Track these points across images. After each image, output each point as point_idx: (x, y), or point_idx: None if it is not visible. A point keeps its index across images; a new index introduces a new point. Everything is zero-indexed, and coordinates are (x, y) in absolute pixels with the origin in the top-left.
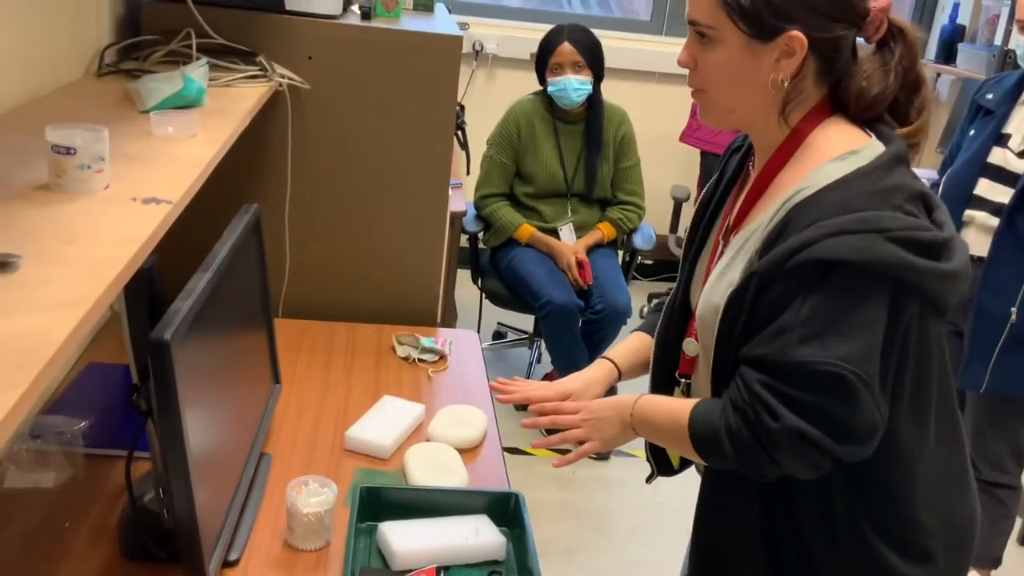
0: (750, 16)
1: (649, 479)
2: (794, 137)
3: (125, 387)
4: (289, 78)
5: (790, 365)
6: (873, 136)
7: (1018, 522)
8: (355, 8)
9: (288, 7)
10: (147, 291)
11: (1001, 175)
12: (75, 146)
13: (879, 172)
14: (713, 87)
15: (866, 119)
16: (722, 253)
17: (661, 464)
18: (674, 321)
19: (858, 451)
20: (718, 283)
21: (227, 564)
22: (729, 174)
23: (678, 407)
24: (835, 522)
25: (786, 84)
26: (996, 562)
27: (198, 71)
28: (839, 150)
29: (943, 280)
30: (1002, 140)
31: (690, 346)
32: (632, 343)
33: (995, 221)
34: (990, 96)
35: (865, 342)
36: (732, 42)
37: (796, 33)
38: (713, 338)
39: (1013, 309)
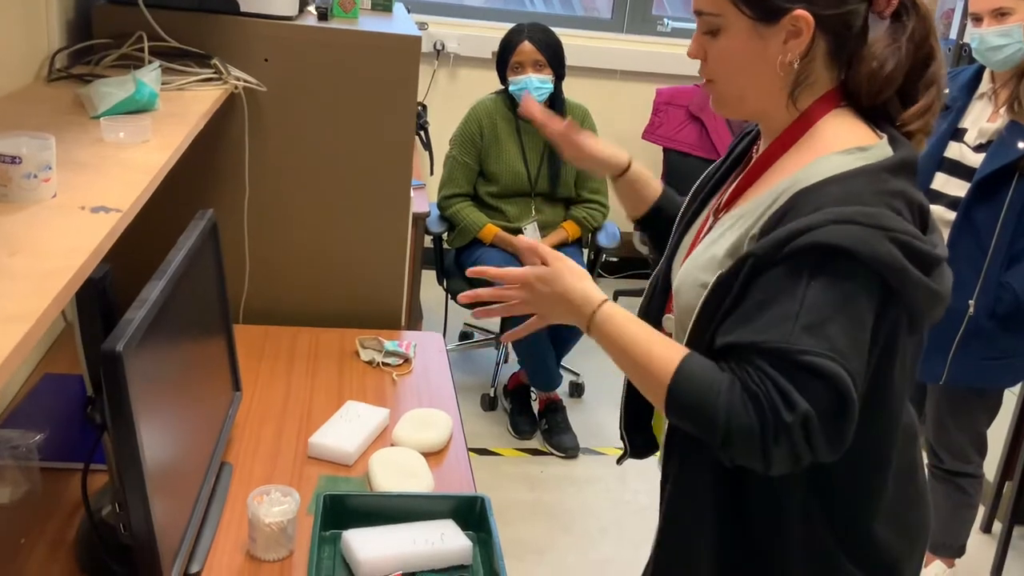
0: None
1: (620, 460)
2: (802, 122)
3: (81, 399)
4: (245, 80)
5: (793, 352)
6: (884, 137)
7: (981, 510)
8: (312, 9)
9: (243, 9)
10: (100, 301)
11: (957, 169)
12: (21, 155)
13: (884, 175)
14: (723, 76)
15: (877, 110)
16: (710, 229)
17: (635, 446)
18: (656, 296)
19: (834, 454)
20: (699, 258)
21: None
22: (734, 156)
23: (661, 352)
24: (791, 534)
25: (795, 65)
26: (960, 550)
27: (150, 75)
28: (846, 144)
29: (928, 296)
30: (959, 135)
31: (668, 322)
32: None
33: (952, 215)
34: (946, 91)
35: (859, 339)
36: (738, 27)
37: (802, 12)
38: (689, 314)
39: (971, 301)
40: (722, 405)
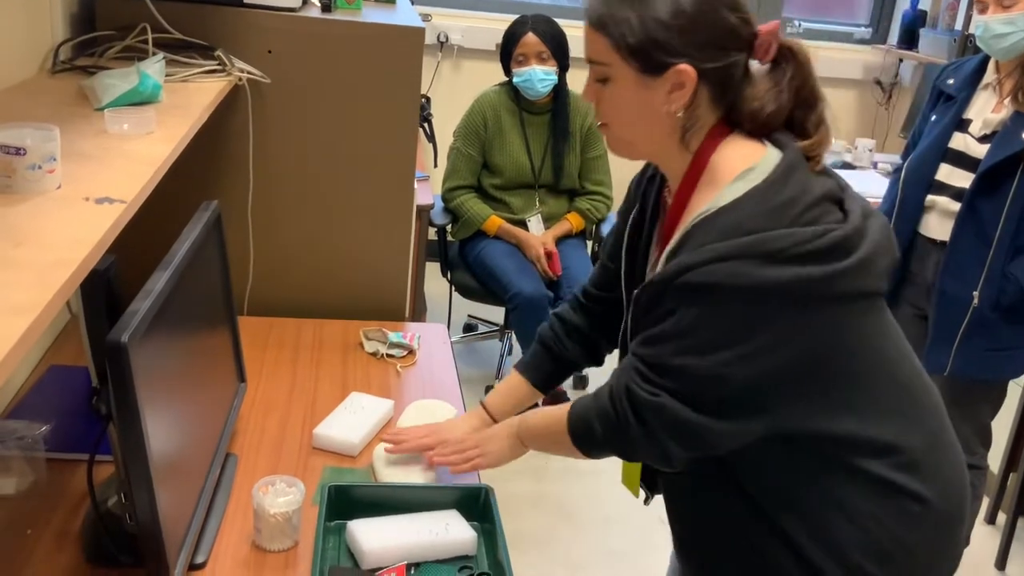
0: (638, 53)
1: (647, 501)
2: (696, 162)
3: (87, 390)
4: (248, 72)
5: (669, 367)
6: (769, 145)
7: (985, 501)
8: (315, 0)
9: (246, 0)
10: (105, 292)
11: (962, 160)
12: (25, 146)
13: (774, 187)
14: (614, 121)
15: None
16: None
17: (652, 486)
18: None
19: (728, 426)
20: None
21: (193, 567)
22: (650, 205)
23: (560, 411)
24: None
25: (679, 115)
26: (964, 542)
27: (154, 67)
28: (737, 169)
29: (854, 274)
30: (963, 125)
31: None
32: (507, 385)
33: (956, 206)
34: (951, 81)
35: (746, 350)
36: (626, 78)
37: (684, 67)
38: None
39: (975, 293)
40: (593, 412)
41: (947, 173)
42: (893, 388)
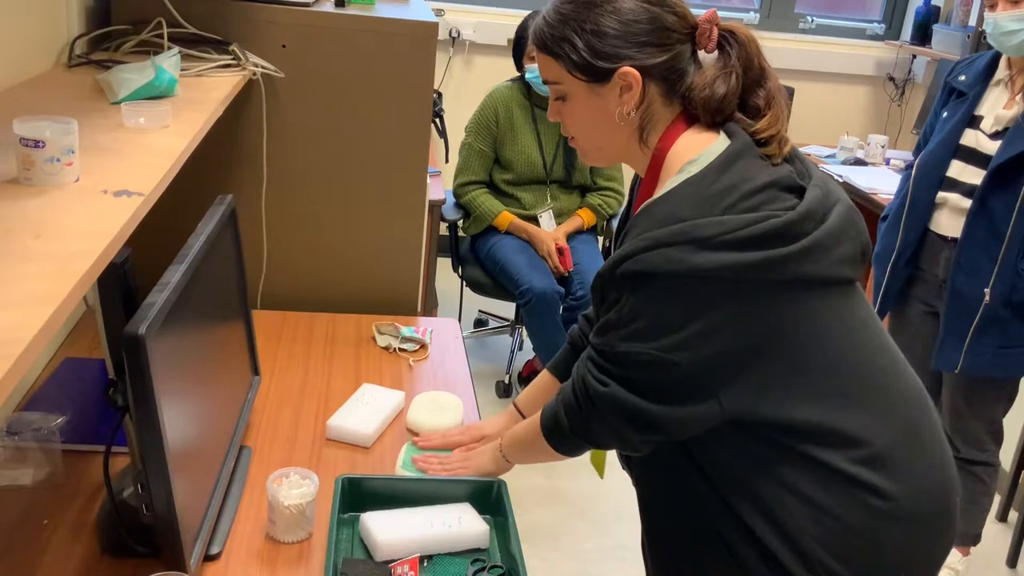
0: (582, 65)
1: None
2: (656, 157)
3: (102, 382)
4: (263, 67)
5: (616, 354)
6: (721, 135)
7: (996, 499)
8: None
9: None
10: (121, 285)
11: (973, 157)
12: (44, 139)
13: (709, 177)
14: (579, 132)
15: (719, 121)
16: None
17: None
18: None
19: (678, 412)
20: None
21: (208, 558)
22: (634, 201)
23: (536, 417)
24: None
25: (632, 114)
26: (976, 539)
27: (169, 61)
28: (684, 161)
29: (799, 259)
30: (975, 122)
31: None
32: (537, 384)
33: (968, 202)
34: (963, 78)
35: (686, 336)
36: (578, 91)
37: (627, 69)
38: None
39: (986, 290)
40: (561, 408)
41: (958, 170)
42: (857, 379)
